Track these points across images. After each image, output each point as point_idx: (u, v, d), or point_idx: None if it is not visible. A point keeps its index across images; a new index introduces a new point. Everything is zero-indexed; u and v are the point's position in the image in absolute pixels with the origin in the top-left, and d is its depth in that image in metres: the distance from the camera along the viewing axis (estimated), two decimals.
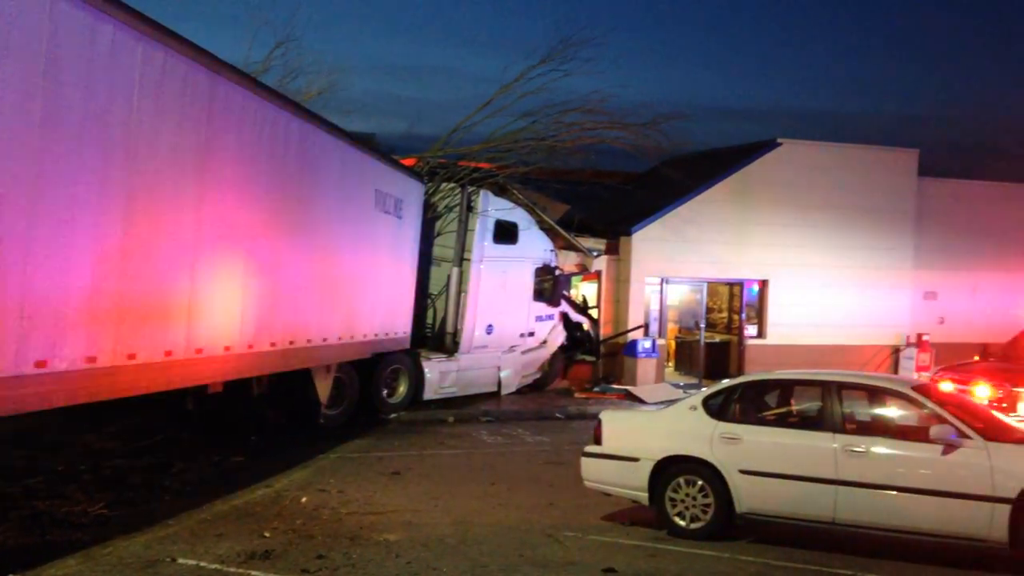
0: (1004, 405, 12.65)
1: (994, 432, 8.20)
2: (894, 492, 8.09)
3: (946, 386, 12.10)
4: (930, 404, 8.35)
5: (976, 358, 15.59)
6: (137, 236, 8.04)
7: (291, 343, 11.34)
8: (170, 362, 8.66)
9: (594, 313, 21.46)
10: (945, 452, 7.96)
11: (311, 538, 8.33)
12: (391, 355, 15.64)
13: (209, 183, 9.19)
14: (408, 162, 17.84)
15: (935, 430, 8.02)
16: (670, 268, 21.28)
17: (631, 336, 20.66)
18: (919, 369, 20.72)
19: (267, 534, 8.38)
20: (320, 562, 7.64)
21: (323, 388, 13.15)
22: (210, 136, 9.11)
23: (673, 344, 22.72)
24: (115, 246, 7.74)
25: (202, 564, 7.47)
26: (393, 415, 15.74)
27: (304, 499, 9.78)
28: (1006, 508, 7.68)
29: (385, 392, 15.83)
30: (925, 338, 21.88)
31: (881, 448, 8.26)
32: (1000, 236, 23.99)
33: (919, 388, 8.83)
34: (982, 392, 12.98)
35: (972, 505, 7.81)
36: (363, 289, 13.80)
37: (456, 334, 17.18)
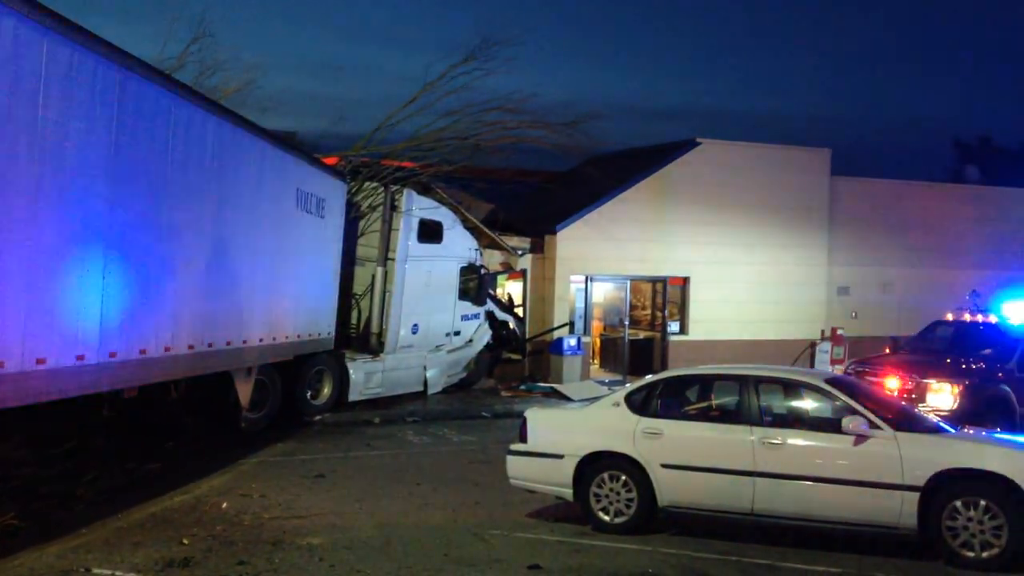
0: (913, 396, 13.12)
1: (904, 422, 8.50)
2: (809, 482, 8.33)
3: (859, 378, 12.52)
4: (842, 396, 8.62)
5: (887, 351, 16.12)
6: (42, 236, 7.76)
7: (210, 345, 11.10)
8: (82, 367, 8.39)
9: (520, 311, 21.56)
10: (857, 443, 8.23)
11: (232, 544, 8.18)
12: (315, 356, 15.44)
13: (121, 182, 8.93)
14: (330, 161, 17.63)
15: (847, 421, 8.28)
16: (594, 266, 21.50)
17: (557, 334, 20.81)
18: (833, 362, 21.38)
19: (186, 541, 8.19)
20: (241, 568, 7.50)
21: (244, 391, 12.89)
22: (121, 134, 8.85)
23: (598, 341, 22.96)
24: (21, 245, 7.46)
25: (117, 573, 7.27)
26: (318, 417, 15.54)
27: (225, 505, 9.58)
28: (915, 496, 7.97)
29: (309, 394, 15.62)
30: (839, 332, 22.59)
31: (796, 440, 8.50)
32: (908, 233, 24.92)
33: (832, 381, 9.11)
34: (892, 384, 13.42)
35: (883, 494, 8.08)
36: (285, 290, 13.59)
37: (381, 334, 17.05)
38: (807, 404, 9.08)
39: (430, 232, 17.85)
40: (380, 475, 11.55)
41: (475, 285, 18.94)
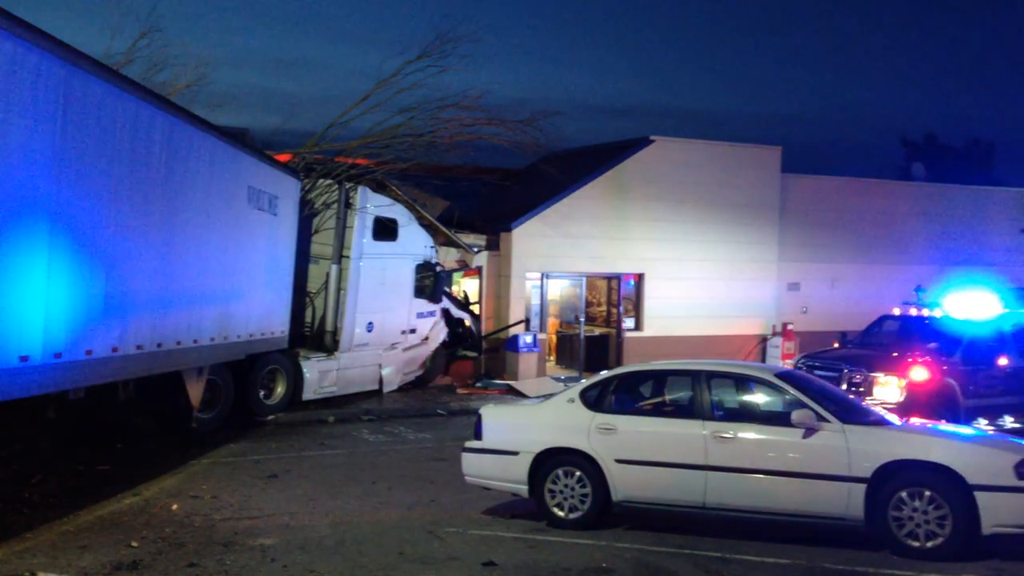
0: (861, 389, 13.37)
1: (851, 415, 8.66)
2: (760, 475, 8.46)
3: (808, 372, 12.73)
4: (792, 390, 8.76)
5: (836, 345, 16.41)
6: None
7: (159, 345, 10.92)
8: (25, 368, 8.20)
9: (476, 309, 21.55)
10: (806, 435, 8.37)
11: (182, 546, 8.07)
12: (268, 355, 15.28)
13: (65, 181, 8.75)
14: (283, 158, 17.45)
15: (796, 415, 8.41)
16: (550, 263, 21.57)
17: (512, 331, 20.84)
18: (784, 357, 21.69)
19: (135, 544, 8.06)
20: (192, 570, 7.41)
21: (195, 391, 12.72)
22: (65, 132, 8.67)
23: (554, 338, 23.05)
24: None
25: None
26: (271, 417, 15.39)
27: (175, 506, 9.45)
28: (862, 487, 8.13)
29: (262, 393, 15.47)
30: (789, 327, 22.94)
31: (747, 433, 8.62)
32: (856, 229, 25.41)
33: (782, 375, 9.24)
34: (841, 377, 13.65)
35: (831, 486, 8.23)
36: (237, 289, 13.42)
37: (336, 332, 16.94)
38: (758, 398, 9.22)
39: (385, 230, 17.76)
40: (335, 474, 11.47)
41: (431, 283, 18.87)
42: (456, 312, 20.51)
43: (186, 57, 18.31)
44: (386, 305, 17.81)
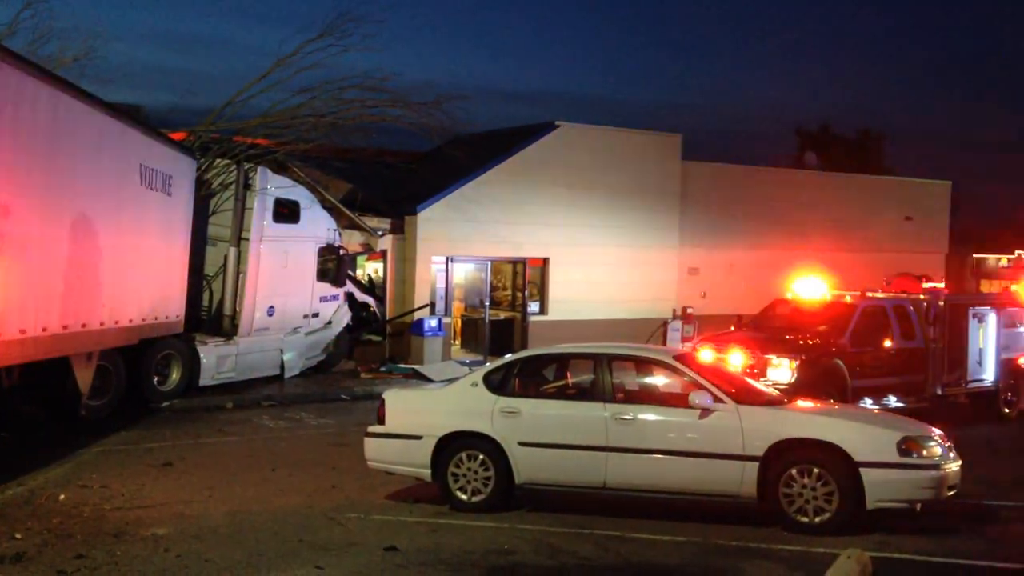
0: (756, 371, 13.77)
1: (745, 396, 8.93)
2: (659, 455, 8.65)
3: (705, 354, 13.04)
4: (689, 372, 8.97)
5: (732, 328, 16.86)
6: None
7: (44, 330, 10.43)
8: None
9: (381, 292, 21.33)
10: (702, 416, 8.58)
11: (69, 537, 7.76)
12: (162, 340, 14.80)
13: None
14: (178, 136, 16.87)
15: (693, 396, 8.62)
16: (455, 247, 21.51)
17: (418, 315, 20.73)
18: (684, 340, 22.17)
19: (18, 536, 7.71)
20: (79, 562, 7.12)
21: (84, 378, 12.21)
22: None
23: (459, 322, 23.02)
24: None
25: None
26: (166, 403, 14.93)
27: (62, 496, 9.08)
28: (755, 466, 8.40)
29: (156, 379, 14.98)
30: (689, 311, 23.44)
31: (647, 415, 8.80)
32: (752, 216, 26.16)
33: (680, 357, 9.46)
34: (737, 359, 14.04)
35: (726, 464, 8.48)
36: (128, 271, 12.94)
37: (234, 316, 16.52)
38: (657, 380, 9.41)
39: (286, 212, 17.39)
40: (233, 461, 11.21)
41: (334, 266, 18.61)
42: (360, 296, 20.28)
43: (75, 30, 17.52)
44: (287, 289, 17.47)
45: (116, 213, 12.40)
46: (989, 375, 15.91)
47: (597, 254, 23.26)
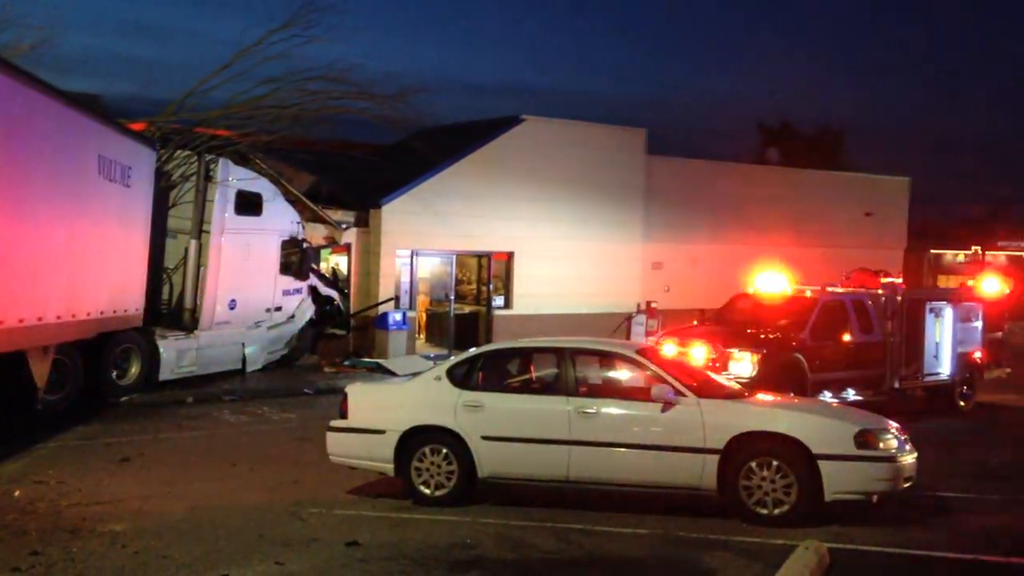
0: (717, 365, 13.88)
1: (706, 390, 8.99)
2: (621, 449, 8.68)
3: (668, 348, 13.13)
4: (652, 366, 9.01)
5: (695, 322, 16.99)
6: None
7: None
8: None
9: (344, 286, 21.20)
10: (664, 409, 8.63)
11: (24, 534, 7.62)
12: (121, 334, 14.60)
13: None
14: (138, 127, 16.63)
15: (655, 390, 8.66)
16: (420, 241, 21.44)
17: (382, 309, 20.64)
18: (648, 334, 22.30)
19: None
20: (34, 559, 7.00)
21: (40, 371, 12.00)
22: None
23: (424, 316, 22.97)
24: None
25: None
26: (124, 398, 14.73)
27: (17, 493, 8.92)
28: (715, 459, 8.46)
29: (115, 374, 14.78)
30: (653, 305, 23.62)
31: (610, 408, 8.83)
32: (715, 211, 26.38)
33: (642, 351, 9.49)
34: (699, 353, 14.15)
35: (687, 457, 8.54)
36: (85, 263, 12.73)
37: (195, 310, 16.34)
38: (620, 374, 9.44)
39: (248, 204, 17.21)
40: (193, 457, 11.09)
41: (297, 259, 18.47)
42: (324, 290, 20.14)
43: (31, 17, 17.18)
44: (250, 282, 17.31)
45: (73, 205, 12.19)
46: (945, 369, 16.19)
47: (562, 248, 23.31)
